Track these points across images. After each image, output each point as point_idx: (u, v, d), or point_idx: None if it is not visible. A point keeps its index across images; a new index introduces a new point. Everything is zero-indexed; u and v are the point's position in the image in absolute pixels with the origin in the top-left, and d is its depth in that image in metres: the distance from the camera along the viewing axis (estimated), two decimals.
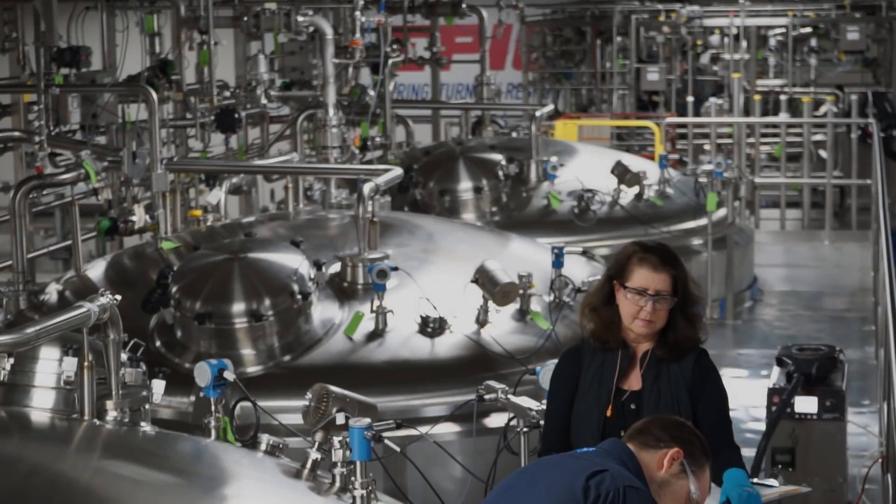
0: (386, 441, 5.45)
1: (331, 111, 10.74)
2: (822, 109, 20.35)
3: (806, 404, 6.57)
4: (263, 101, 11.68)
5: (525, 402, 5.94)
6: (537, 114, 13.47)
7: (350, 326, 8.19)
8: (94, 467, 5.10)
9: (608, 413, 5.06)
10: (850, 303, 14.20)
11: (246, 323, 7.98)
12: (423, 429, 6.34)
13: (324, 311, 8.32)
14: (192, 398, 7.79)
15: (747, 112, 20.61)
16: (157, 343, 8.17)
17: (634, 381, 5.13)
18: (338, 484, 5.52)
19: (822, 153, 19.18)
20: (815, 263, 16.27)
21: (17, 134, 10.32)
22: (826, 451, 6.61)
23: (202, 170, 10.84)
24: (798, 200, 18.86)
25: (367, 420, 5.47)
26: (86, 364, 5.66)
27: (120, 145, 10.13)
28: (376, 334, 8.19)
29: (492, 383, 6.14)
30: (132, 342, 6.43)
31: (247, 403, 6.36)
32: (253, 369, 7.95)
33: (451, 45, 24.32)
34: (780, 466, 6.35)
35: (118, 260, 9.35)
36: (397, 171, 9.39)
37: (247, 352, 8.01)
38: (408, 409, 7.85)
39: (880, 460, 7.93)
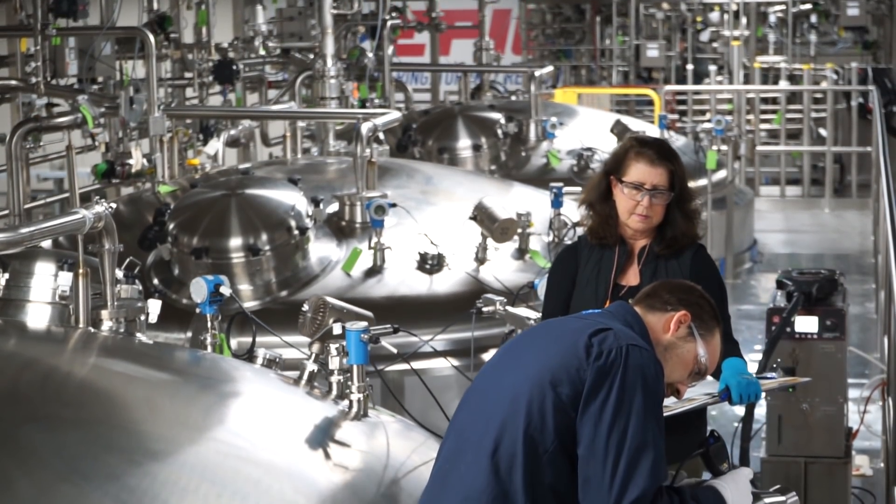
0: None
1: (329, 62, 10.69)
2: (823, 85, 20.32)
3: (806, 324, 6.54)
4: (262, 52, 11.62)
5: (524, 312, 5.91)
6: (537, 73, 13.44)
7: (348, 263, 8.17)
8: (89, 364, 5.06)
9: None
10: (851, 264, 14.17)
11: (243, 258, 7.96)
12: (425, 337, 6.31)
13: (321, 249, 8.30)
14: (189, 334, 7.76)
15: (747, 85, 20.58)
16: (155, 280, 8.15)
17: (632, 277, 5.10)
18: (335, 391, 5.48)
19: (822, 131, 19.16)
20: (815, 229, 16.25)
21: (14, 83, 10.28)
22: (826, 371, 6.58)
23: (200, 115, 10.81)
24: (798, 177, 18.85)
25: (364, 323, 5.44)
26: (81, 272, 5.63)
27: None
28: (374, 271, 8.17)
29: (490, 296, 6.10)
30: (128, 260, 6.41)
31: None
32: (250, 304, 7.90)
33: (451, 31, 24.30)
34: (778, 363, 6.30)
35: (114, 203, 9.31)
36: (395, 115, 9.37)
37: (244, 287, 7.99)
38: (406, 345, 7.77)
39: (881, 385, 7.93)
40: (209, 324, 6.19)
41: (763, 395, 4.82)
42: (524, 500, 3.69)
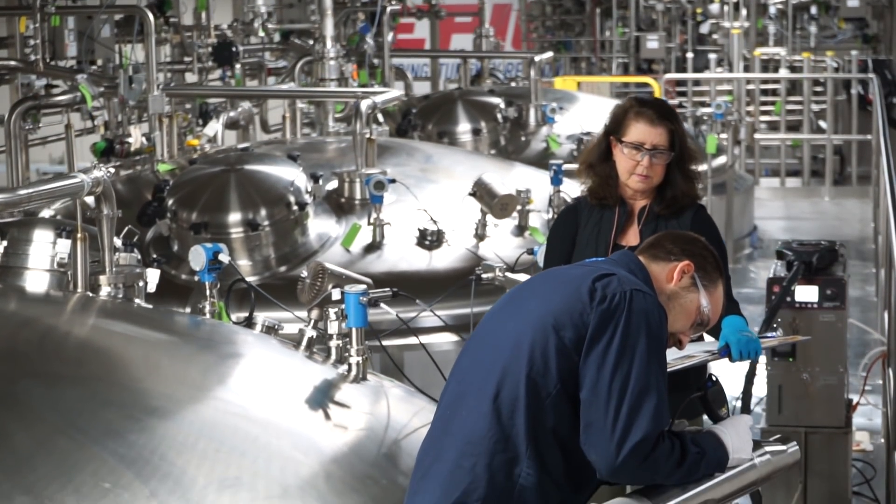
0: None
1: (328, 43, 10.67)
2: (823, 76, 20.30)
3: (806, 293, 6.52)
4: (261, 34, 11.61)
5: (523, 277, 5.89)
6: (536, 59, 13.42)
7: (347, 238, 8.15)
8: (88, 324, 5.05)
9: None
10: (851, 250, 14.15)
11: (242, 233, 7.94)
12: (423, 305, 6.30)
13: (320, 225, 8.28)
14: (188, 309, 7.74)
15: (747, 80, 20.57)
16: (154, 256, 8.11)
17: (632, 237, 5.09)
18: (333, 356, 5.46)
19: (823, 124, 19.14)
20: (815, 216, 16.24)
21: (13, 63, 10.26)
22: (827, 341, 6.56)
23: (199, 94, 10.79)
24: (798, 168, 18.84)
25: (363, 286, 5.43)
26: (79, 237, 5.60)
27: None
28: (374, 247, 8.15)
29: (489, 262, 6.09)
30: (126, 229, 6.40)
31: None
32: (249, 280, 7.89)
33: (451, 25, 24.32)
34: (779, 322, 6.29)
35: (113, 183, 9.28)
36: (395, 93, 9.36)
37: (243, 262, 7.97)
38: (406, 320, 7.80)
39: (881, 357, 7.92)
40: (207, 292, 6.17)
41: (762, 353, 4.81)
42: (526, 445, 3.68)
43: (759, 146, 18.89)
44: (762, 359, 6.56)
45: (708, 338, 4.92)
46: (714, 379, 3.97)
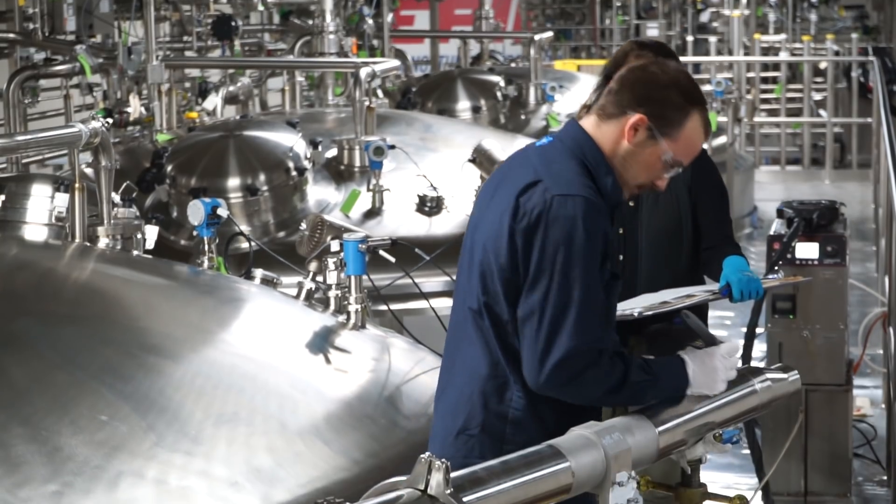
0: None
1: (328, 17, 10.66)
2: (823, 65, 20.29)
3: (807, 250, 6.49)
4: (260, 7, 11.59)
5: None
6: (536, 38, 13.39)
7: (346, 204, 8.12)
8: (86, 269, 5.03)
9: None
10: (852, 230, 14.12)
11: (241, 198, 7.92)
12: (423, 254, 6.30)
13: (320, 192, 8.25)
14: None
15: (747, 67, 20.57)
16: (152, 214, 8.10)
17: None
18: (332, 306, 5.45)
19: (823, 112, 19.12)
20: (816, 198, 16.19)
21: (11, 36, 10.24)
22: (827, 297, 6.54)
23: (198, 65, 10.77)
24: (798, 156, 18.82)
25: (362, 234, 5.42)
26: (77, 186, 5.58)
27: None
28: (373, 213, 8.12)
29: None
30: (125, 185, 6.38)
31: None
32: (248, 245, 7.87)
33: (451, 17, 24.33)
34: (780, 265, 6.26)
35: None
36: (394, 62, 9.33)
37: (242, 228, 7.94)
38: (404, 286, 7.77)
39: (882, 317, 7.90)
40: (206, 246, 6.16)
41: (763, 293, 4.79)
42: (509, 370, 3.63)
43: (759, 134, 18.88)
44: (761, 319, 6.56)
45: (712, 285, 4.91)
46: (685, 315, 3.80)
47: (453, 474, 2.92)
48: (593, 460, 3.21)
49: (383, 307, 6.48)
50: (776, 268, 6.28)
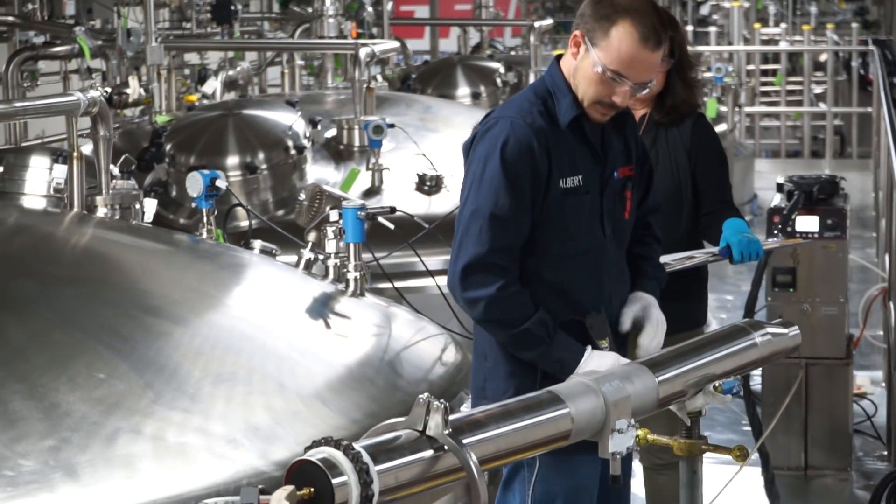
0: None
1: (328, 2, 10.63)
2: (823, 57, 20.28)
3: (807, 223, 6.48)
4: None
5: None
6: (536, 25, 13.36)
7: (346, 183, 8.10)
8: (85, 233, 5.01)
9: None
10: (852, 218, 14.11)
11: (240, 176, 7.90)
12: (422, 223, 6.29)
13: (319, 171, 8.23)
14: None
15: (747, 58, 20.56)
16: (151, 187, 8.09)
17: None
18: (331, 275, 5.44)
19: (823, 105, 19.11)
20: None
21: (10, 19, 10.22)
22: (827, 271, 6.52)
23: (197, 47, 10.75)
24: (798, 149, 18.80)
25: (361, 201, 5.40)
26: (75, 155, 5.56)
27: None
28: (372, 191, 8.10)
29: None
30: (123, 157, 6.36)
31: None
32: (247, 223, 7.85)
33: (451, 12, 24.30)
34: (779, 229, 6.25)
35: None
36: (393, 43, 9.32)
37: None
38: (404, 265, 7.76)
39: (882, 293, 7.89)
40: (205, 219, 6.14)
41: (763, 254, 4.79)
42: None
43: (759, 127, 18.86)
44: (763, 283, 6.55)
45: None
46: (625, 327, 3.87)
47: (451, 417, 2.91)
48: (593, 407, 3.20)
49: (383, 285, 6.47)
50: (775, 232, 6.27)
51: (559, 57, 3.87)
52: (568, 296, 3.83)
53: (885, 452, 6.96)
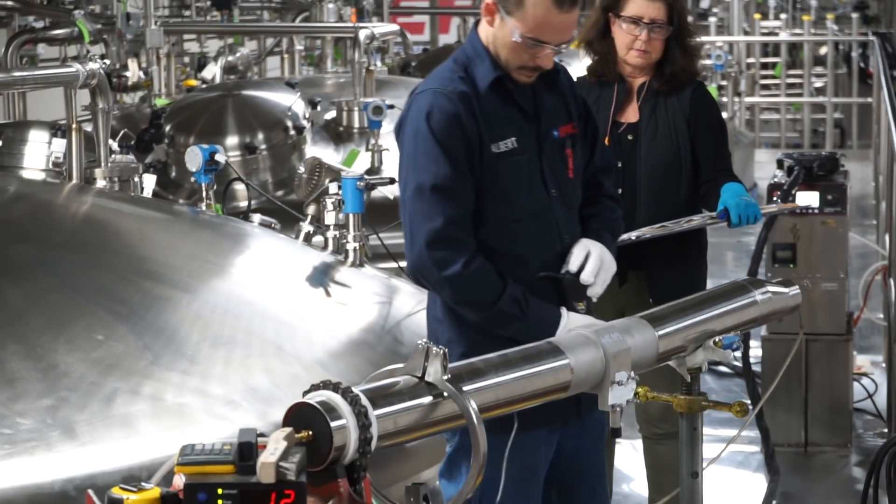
0: None
1: None
2: (823, 51, 20.26)
3: (807, 198, 6.46)
4: None
5: None
6: None
7: (345, 163, 8.08)
8: (84, 201, 5.00)
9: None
10: (853, 206, 14.08)
11: (239, 156, 7.90)
12: None
13: (318, 152, 8.19)
14: None
15: (748, 52, 20.53)
16: (150, 163, 8.08)
17: (631, 114, 5.04)
18: (331, 246, 5.42)
19: (823, 98, 19.08)
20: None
21: (10, 3, 10.21)
22: (827, 246, 6.50)
23: (196, 30, 10.74)
24: (798, 142, 18.77)
25: (360, 172, 5.39)
26: (74, 127, 5.55)
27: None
28: (372, 171, 8.06)
29: None
30: (122, 132, 6.36)
31: None
32: (246, 203, 7.84)
33: (451, 5, 24.27)
34: (779, 195, 6.23)
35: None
36: (393, 26, 9.30)
37: (240, 186, 7.91)
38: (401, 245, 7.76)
39: (882, 270, 7.88)
40: (204, 193, 6.13)
41: (762, 218, 4.79)
42: None
43: (759, 120, 18.84)
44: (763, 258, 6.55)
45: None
46: (572, 272, 3.69)
47: (450, 365, 2.90)
48: (592, 358, 3.19)
49: (386, 265, 6.46)
50: (774, 198, 6.26)
51: (478, 23, 3.78)
52: (522, 260, 3.71)
53: (886, 430, 6.94)
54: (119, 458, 3.61)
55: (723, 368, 7.88)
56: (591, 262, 3.71)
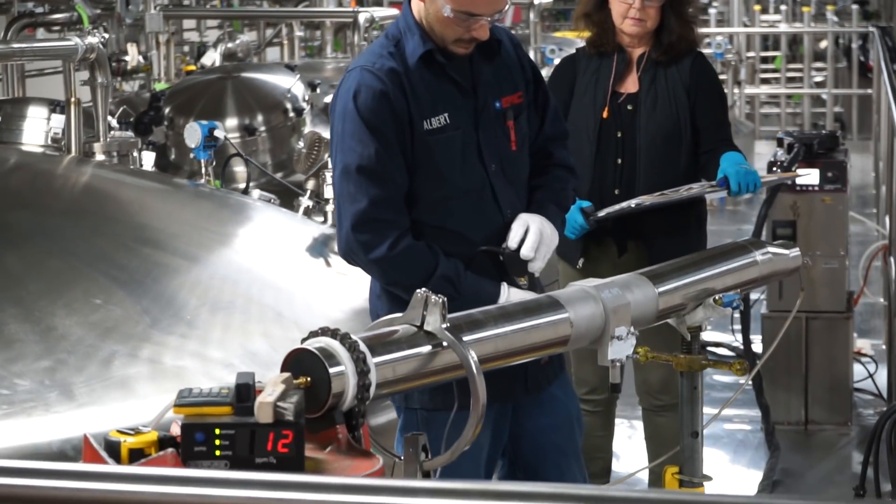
0: None
1: None
2: (823, 44, 20.23)
3: (807, 176, 6.45)
4: None
5: None
6: (536, 1, 13.34)
7: None
8: (83, 172, 5.00)
9: (604, 115, 4.97)
10: (852, 195, 14.08)
11: (238, 138, 7.87)
12: None
13: None
14: None
15: (748, 46, 20.52)
16: (149, 140, 8.06)
17: (631, 84, 5.03)
18: (330, 220, 5.42)
19: (823, 94, 19.07)
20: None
21: None
22: (827, 224, 6.49)
23: (196, 15, 10.73)
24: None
25: None
26: (73, 100, 5.54)
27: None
28: None
29: None
30: (121, 109, 6.34)
31: None
32: (244, 187, 7.84)
33: None
34: (777, 168, 6.22)
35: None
36: (393, 10, 9.28)
37: (239, 169, 7.89)
38: None
39: (882, 250, 7.87)
40: (203, 169, 6.13)
41: (761, 187, 4.78)
42: None
43: (759, 114, 18.82)
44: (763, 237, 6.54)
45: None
46: (511, 248, 3.60)
47: (450, 316, 2.89)
48: (592, 313, 3.18)
49: None
50: (775, 168, 6.25)
51: None
52: (460, 237, 3.62)
53: (885, 408, 6.92)
54: (117, 419, 3.58)
55: (723, 351, 7.88)
56: (531, 237, 3.62)
